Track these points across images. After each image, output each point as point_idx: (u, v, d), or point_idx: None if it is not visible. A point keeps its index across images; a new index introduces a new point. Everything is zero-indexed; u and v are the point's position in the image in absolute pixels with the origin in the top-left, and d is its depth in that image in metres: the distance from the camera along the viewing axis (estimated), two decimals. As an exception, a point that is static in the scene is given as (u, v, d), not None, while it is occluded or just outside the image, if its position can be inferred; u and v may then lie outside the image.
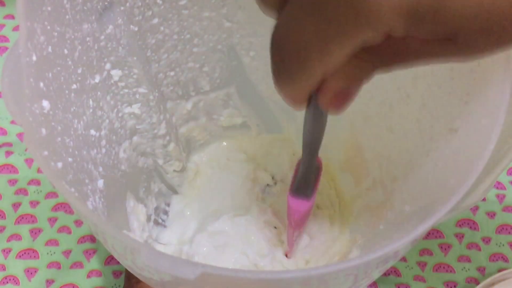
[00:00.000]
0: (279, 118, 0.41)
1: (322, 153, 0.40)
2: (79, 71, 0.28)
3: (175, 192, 0.40)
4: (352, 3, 0.15)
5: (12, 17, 0.49)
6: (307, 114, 0.23)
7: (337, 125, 0.38)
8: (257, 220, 0.38)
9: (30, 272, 0.38)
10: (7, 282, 0.38)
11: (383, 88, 0.33)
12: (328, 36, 0.16)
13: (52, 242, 0.39)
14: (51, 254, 0.39)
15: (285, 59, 0.18)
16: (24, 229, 0.40)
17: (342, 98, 0.20)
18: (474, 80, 0.25)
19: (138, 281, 0.36)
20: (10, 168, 0.42)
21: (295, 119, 0.40)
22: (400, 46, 0.18)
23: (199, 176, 0.40)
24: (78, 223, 0.40)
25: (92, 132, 0.30)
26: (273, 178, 0.40)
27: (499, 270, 0.38)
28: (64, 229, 0.40)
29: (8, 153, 0.43)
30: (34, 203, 0.41)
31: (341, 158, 0.39)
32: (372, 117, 0.35)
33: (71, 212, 0.41)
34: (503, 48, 0.16)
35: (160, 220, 0.38)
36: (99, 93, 0.30)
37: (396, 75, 0.32)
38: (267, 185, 0.40)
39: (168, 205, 0.39)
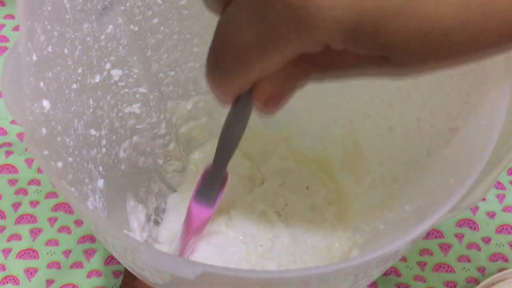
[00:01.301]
0: (279, 118, 0.41)
1: (321, 152, 0.40)
2: (79, 70, 0.28)
3: (175, 192, 0.40)
4: (296, 11, 0.15)
5: (12, 17, 0.49)
6: (230, 115, 0.23)
7: (336, 123, 0.38)
8: (255, 219, 0.38)
9: (30, 272, 0.38)
10: (7, 282, 0.38)
11: (383, 87, 0.33)
12: (269, 40, 0.16)
13: (52, 242, 0.39)
14: (51, 254, 0.39)
15: (224, 55, 0.18)
16: (24, 229, 0.40)
17: (275, 101, 0.21)
18: (474, 80, 0.25)
19: (134, 278, 0.36)
20: (10, 168, 0.42)
21: (295, 119, 0.40)
22: (337, 58, 0.18)
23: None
24: (78, 223, 0.40)
25: (92, 131, 0.30)
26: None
27: (499, 270, 0.38)
28: (64, 229, 0.40)
29: (8, 153, 0.43)
30: (34, 203, 0.41)
31: (341, 157, 0.39)
32: (372, 116, 0.35)
33: (71, 212, 0.41)
34: (433, 68, 0.17)
35: (160, 220, 0.38)
36: (99, 92, 0.30)
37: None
38: (263, 183, 0.40)
39: (168, 204, 0.39)
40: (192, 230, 0.31)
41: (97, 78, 0.30)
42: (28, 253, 0.39)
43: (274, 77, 0.19)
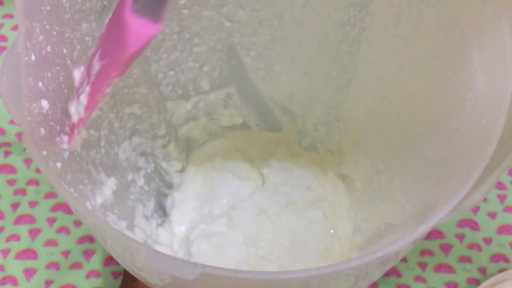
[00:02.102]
0: (279, 118, 0.41)
1: (321, 152, 0.40)
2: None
3: (175, 192, 0.40)
4: None
5: (11, 16, 0.49)
6: None
7: (337, 123, 0.38)
8: (255, 221, 0.38)
9: (29, 273, 0.38)
10: (6, 283, 0.38)
11: (384, 86, 0.33)
12: None
13: (51, 243, 0.39)
14: (50, 255, 0.39)
15: None
16: (23, 230, 0.40)
17: None
18: (476, 78, 0.25)
19: (134, 279, 0.36)
20: (8, 168, 0.42)
21: (295, 119, 0.40)
22: None
23: (199, 176, 0.40)
24: (77, 223, 0.40)
25: (92, 132, 0.30)
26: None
27: (500, 271, 0.38)
28: (63, 229, 0.40)
29: (7, 153, 0.43)
30: (33, 204, 0.41)
31: (341, 156, 0.39)
32: (373, 115, 0.35)
33: (70, 212, 0.40)
34: None
35: (159, 221, 0.38)
36: (98, 92, 0.30)
37: (397, 73, 0.32)
38: (263, 184, 0.40)
39: (167, 205, 0.39)
40: (126, 56, 0.21)
41: (96, 78, 0.29)
42: (27, 254, 0.39)
43: None
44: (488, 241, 0.40)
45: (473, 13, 0.25)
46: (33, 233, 0.40)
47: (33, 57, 0.23)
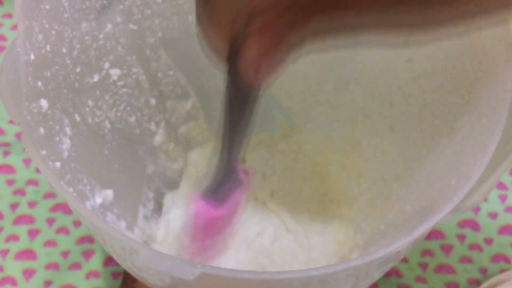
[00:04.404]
0: (278, 119, 0.40)
1: (322, 152, 0.40)
2: (78, 70, 0.28)
3: (174, 192, 0.40)
4: None
5: (10, 16, 0.49)
6: (225, 92, 0.20)
7: (337, 123, 0.38)
8: (256, 221, 0.38)
9: (28, 273, 0.38)
10: (4, 284, 0.38)
11: (384, 87, 0.33)
12: None
13: (51, 243, 0.39)
14: (50, 255, 0.39)
15: None
16: (22, 230, 0.40)
17: (264, 62, 0.18)
18: (476, 79, 0.25)
19: (133, 279, 0.35)
20: (8, 169, 0.42)
21: (295, 119, 0.40)
22: None
23: (198, 176, 0.40)
24: (77, 224, 0.40)
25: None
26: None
27: (501, 271, 0.38)
28: (63, 230, 0.40)
29: (6, 153, 0.43)
30: (32, 204, 0.41)
31: (341, 157, 0.39)
32: (373, 116, 0.35)
33: (69, 212, 0.40)
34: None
35: (159, 221, 0.38)
36: (97, 92, 0.30)
37: (397, 73, 0.32)
38: (263, 184, 0.40)
39: (166, 205, 0.39)
40: (195, 229, 0.27)
41: (96, 78, 0.29)
42: (26, 254, 0.39)
43: (264, 34, 0.17)
44: (489, 241, 0.40)
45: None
46: (32, 234, 0.40)
47: (32, 57, 0.23)
